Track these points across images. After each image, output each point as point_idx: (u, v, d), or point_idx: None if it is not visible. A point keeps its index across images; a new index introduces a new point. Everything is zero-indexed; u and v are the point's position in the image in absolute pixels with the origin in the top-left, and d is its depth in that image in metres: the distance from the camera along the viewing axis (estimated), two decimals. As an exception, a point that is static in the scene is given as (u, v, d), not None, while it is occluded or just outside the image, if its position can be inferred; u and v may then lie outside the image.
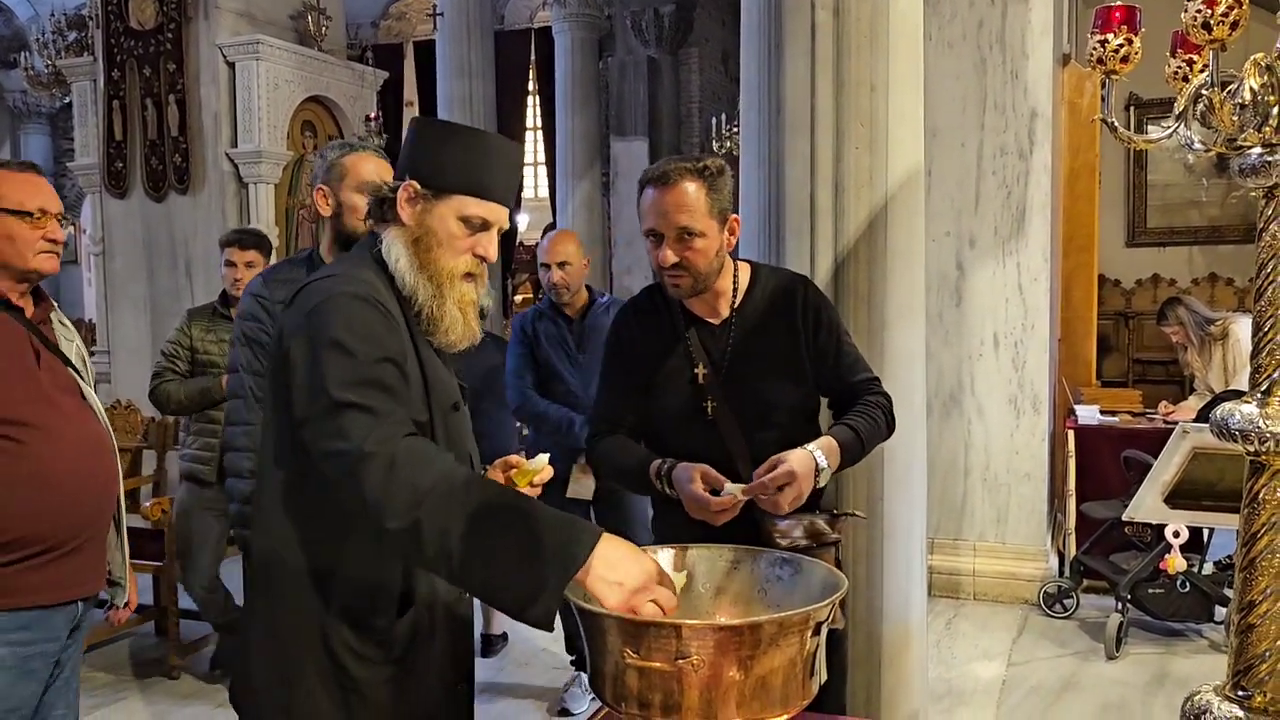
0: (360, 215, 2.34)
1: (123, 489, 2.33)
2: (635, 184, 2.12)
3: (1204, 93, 1.45)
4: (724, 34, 10.81)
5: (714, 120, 9.75)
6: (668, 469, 2.05)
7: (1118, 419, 5.32)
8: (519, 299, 11.01)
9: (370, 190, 1.72)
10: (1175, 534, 4.21)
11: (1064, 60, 5.65)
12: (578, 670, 3.88)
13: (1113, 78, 1.57)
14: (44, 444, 2.05)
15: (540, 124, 11.32)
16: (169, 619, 4.31)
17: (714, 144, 9.45)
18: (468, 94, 8.56)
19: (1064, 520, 5.12)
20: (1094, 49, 1.55)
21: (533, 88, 10.89)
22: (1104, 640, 4.32)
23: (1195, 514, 4.19)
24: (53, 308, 2.27)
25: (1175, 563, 4.24)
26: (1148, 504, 4.23)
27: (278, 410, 1.58)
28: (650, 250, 2.09)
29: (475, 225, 1.64)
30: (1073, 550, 4.97)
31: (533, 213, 12.72)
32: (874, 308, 2.71)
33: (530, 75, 10.60)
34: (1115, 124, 1.57)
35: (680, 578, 1.55)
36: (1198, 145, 1.51)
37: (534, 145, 12.45)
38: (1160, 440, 4.29)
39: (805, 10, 2.67)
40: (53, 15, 8.84)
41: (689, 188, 2.02)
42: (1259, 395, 1.46)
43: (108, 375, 6.62)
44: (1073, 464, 5.05)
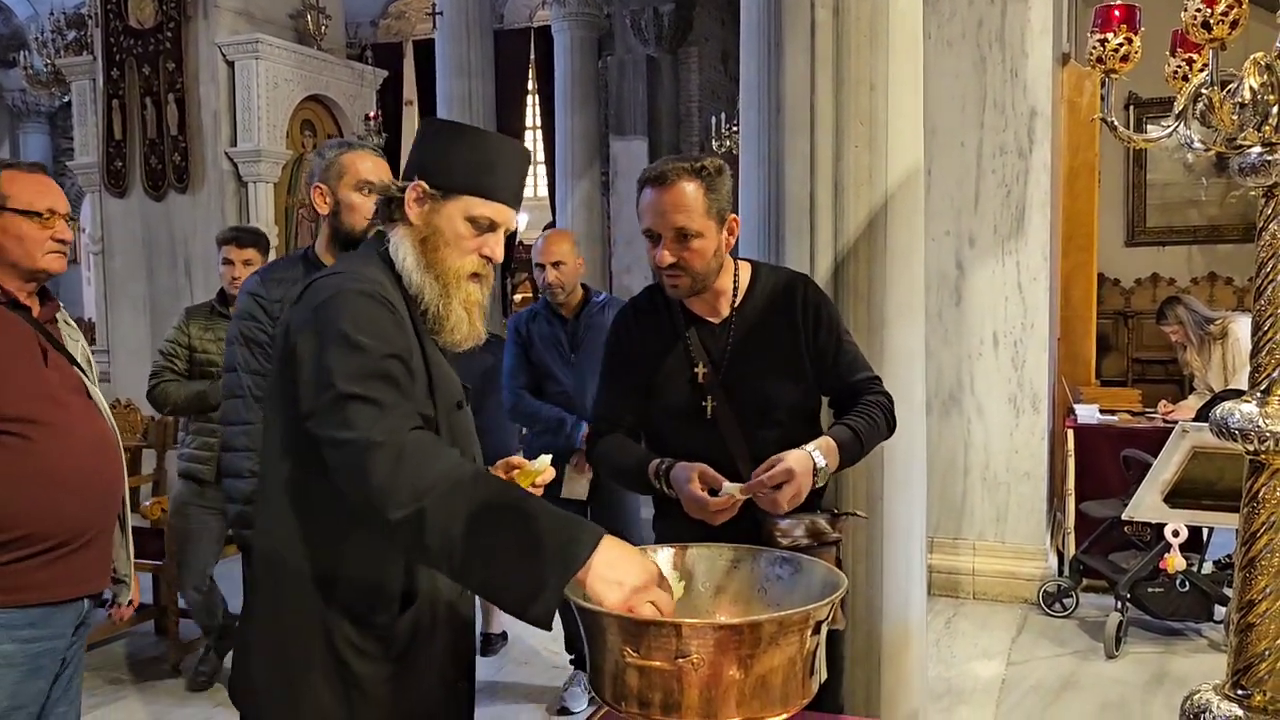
0: (358, 213, 2.34)
1: (127, 487, 2.34)
2: (635, 183, 2.12)
3: (1204, 92, 1.45)
4: (723, 33, 10.82)
5: (713, 119, 9.75)
6: (666, 468, 2.05)
7: (1117, 418, 5.32)
8: (518, 298, 11.01)
9: (378, 190, 1.73)
10: (1175, 533, 4.21)
11: (1063, 59, 5.65)
12: (577, 669, 3.89)
13: (1112, 77, 1.57)
14: (52, 441, 2.06)
15: (539, 123, 11.32)
16: (169, 618, 4.31)
17: (713, 143, 9.45)
18: (467, 93, 8.56)
19: (1063, 519, 5.12)
20: (1094, 48, 1.55)
21: (532, 87, 10.89)
22: (1103, 639, 4.33)
23: (1195, 513, 4.20)
24: (59, 307, 2.28)
25: (1175, 562, 4.24)
26: (1147, 503, 4.23)
27: (283, 407, 1.58)
28: (649, 250, 2.09)
29: (482, 226, 1.65)
30: (1072, 549, 4.97)
31: (532, 212, 12.70)
32: (873, 306, 2.71)
33: (530, 74, 10.59)
34: (1115, 123, 1.57)
35: (679, 586, 1.56)
36: (1197, 144, 1.51)
37: (533, 144, 12.40)
38: (1160, 439, 4.30)
39: (805, 9, 2.67)
40: (52, 14, 8.81)
41: (687, 188, 2.02)
42: (1258, 394, 1.47)
43: (107, 374, 6.60)
44: (1072, 463, 5.06)
